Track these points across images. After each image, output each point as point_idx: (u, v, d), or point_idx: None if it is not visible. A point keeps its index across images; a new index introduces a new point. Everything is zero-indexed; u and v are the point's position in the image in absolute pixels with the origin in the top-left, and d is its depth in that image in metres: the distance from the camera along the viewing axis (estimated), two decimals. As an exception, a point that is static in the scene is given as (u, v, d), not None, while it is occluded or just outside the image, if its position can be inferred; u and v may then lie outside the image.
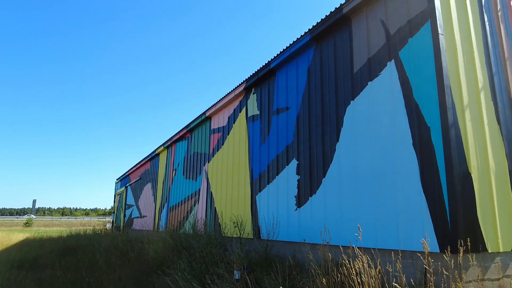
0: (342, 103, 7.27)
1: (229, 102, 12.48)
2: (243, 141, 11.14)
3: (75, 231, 28.47)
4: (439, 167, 5.22)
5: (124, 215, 28.99)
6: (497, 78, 6.15)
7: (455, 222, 4.94)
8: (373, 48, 6.69)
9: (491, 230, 5.26)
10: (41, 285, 8.85)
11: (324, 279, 5.23)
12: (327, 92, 7.76)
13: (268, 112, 10.02)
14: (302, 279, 6.18)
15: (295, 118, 8.74)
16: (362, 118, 6.69)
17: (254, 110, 10.77)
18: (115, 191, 35.53)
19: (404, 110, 5.87)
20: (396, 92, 6.05)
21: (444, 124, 5.27)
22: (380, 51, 6.52)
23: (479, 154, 5.48)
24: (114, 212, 35.64)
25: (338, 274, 5.20)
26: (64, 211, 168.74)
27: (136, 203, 25.32)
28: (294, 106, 8.84)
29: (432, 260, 4.91)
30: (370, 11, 6.93)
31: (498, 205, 5.45)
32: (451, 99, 5.36)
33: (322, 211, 7.32)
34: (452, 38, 5.73)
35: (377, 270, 4.79)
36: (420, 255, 5.10)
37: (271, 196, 9.24)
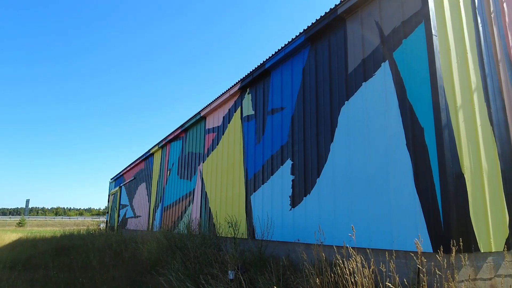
0: (336, 104, 7.29)
1: (224, 102, 12.47)
2: (238, 141, 11.14)
3: (68, 231, 28.31)
4: (433, 167, 5.26)
5: (118, 215, 28.87)
6: (490, 79, 6.20)
7: (448, 222, 4.97)
8: (367, 49, 6.72)
9: (483, 230, 5.30)
10: (33, 285, 8.78)
11: (318, 279, 5.24)
12: (321, 93, 7.78)
13: (263, 112, 10.03)
14: (296, 279, 6.19)
15: (289, 118, 8.75)
16: (357, 119, 6.71)
17: (249, 110, 10.77)
18: (109, 191, 35.37)
19: (398, 111, 5.90)
20: (390, 93, 6.08)
21: (437, 125, 5.30)
22: (374, 52, 6.54)
23: (472, 155, 5.52)
24: (108, 212, 35.49)
25: (332, 274, 5.22)
26: (57, 211, 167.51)
27: (130, 203, 25.22)
28: (289, 106, 8.85)
29: (425, 260, 4.94)
30: (364, 12, 6.95)
31: (490, 205, 5.49)
32: (444, 100, 5.40)
33: (316, 211, 7.33)
34: (446, 40, 5.77)
35: (370, 270, 4.81)
36: (413, 255, 5.13)
37: (265, 196, 9.25)
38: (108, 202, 35.53)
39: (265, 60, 9.83)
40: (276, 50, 9.28)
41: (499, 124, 6.10)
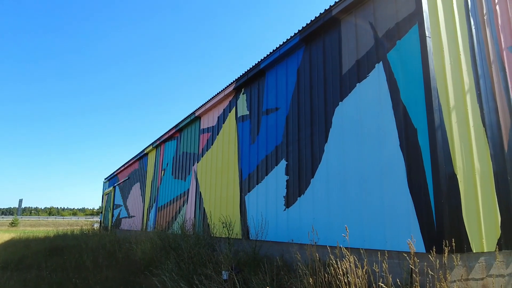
0: (330, 104, 7.31)
1: (219, 102, 12.46)
2: (233, 141, 11.13)
3: (62, 231, 28.08)
4: (426, 168, 5.29)
5: (112, 215, 28.73)
6: (482, 81, 6.25)
7: (440, 222, 5.00)
8: (361, 50, 6.74)
9: (475, 230, 5.34)
10: (26, 286, 8.71)
11: (311, 279, 5.25)
12: (316, 93, 7.80)
13: (257, 112, 10.03)
14: (289, 279, 6.20)
15: (284, 118, 8.76)
16: (350, 119, 6.74)
17: (244, 110, 10.77)
18: (103, 191, 35.19)
19: (391, 112, 5.93)
20: (384, 94, 6.11)
21: (430, 125, 5.33)
22: (368, 53, 6.57)
23: (464, 155, 5.56)
24: (102, 212, 35.31)
25: (325, 274, 5.23)
26: (51, 211, 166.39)
27: (125, 203, 25.11)
28: (284, 107, 8.86)
29: (418, 260, 4.96)
30: (359, 13, 6.98)
31: (482, 206, 5.54)
32: (437, 101, 5.43)
33: (311, 211, 7.35)
34: (439, 41, 5.80)
35: (363, 270, 4.83)
36: (406, 255, 5.16)
37: (260, 196, 9.25)
38: (102, 202, 35.34)
39: (260, 60, 9.83)
40: (271, 51, 9.29)
41: (492, 125, 6.15)
